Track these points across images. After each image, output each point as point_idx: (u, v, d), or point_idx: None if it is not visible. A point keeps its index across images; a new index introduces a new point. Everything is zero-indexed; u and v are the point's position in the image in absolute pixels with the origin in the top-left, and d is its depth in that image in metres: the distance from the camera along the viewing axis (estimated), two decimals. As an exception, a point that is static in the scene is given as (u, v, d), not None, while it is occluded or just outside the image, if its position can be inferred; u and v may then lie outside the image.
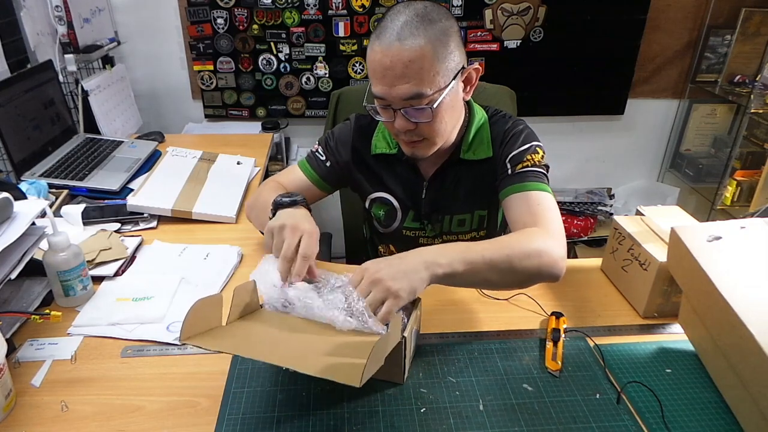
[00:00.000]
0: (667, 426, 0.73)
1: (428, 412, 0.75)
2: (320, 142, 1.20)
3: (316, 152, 1.18)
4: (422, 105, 0.93)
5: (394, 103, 0.95)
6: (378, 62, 0.92)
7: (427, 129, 0.97)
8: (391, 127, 1.00)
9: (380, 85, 0.94)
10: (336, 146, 1.17)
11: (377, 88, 0.95)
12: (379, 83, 0.94)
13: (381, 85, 0.93)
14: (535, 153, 1.03)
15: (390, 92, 0.93)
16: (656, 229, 0.99)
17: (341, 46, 2.22)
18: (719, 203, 2.35)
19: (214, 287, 1.04)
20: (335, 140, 1.18)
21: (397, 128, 0.98)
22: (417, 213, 1.16)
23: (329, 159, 1.17)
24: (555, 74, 2.34)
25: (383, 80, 0.92)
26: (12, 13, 1.65)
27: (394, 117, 0.97)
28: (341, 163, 1.17)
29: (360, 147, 1.16)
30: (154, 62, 2.25)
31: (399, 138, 1.03)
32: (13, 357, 0.85)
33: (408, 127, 0.96)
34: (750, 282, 0.74)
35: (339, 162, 1.17)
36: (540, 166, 1.02)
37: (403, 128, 0.97)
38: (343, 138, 1.17)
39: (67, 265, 0.94)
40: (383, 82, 0.93)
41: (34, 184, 1.32)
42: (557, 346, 0.86)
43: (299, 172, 1.18)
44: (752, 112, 2.18)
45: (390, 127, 1.02)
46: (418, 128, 0.97)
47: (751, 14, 2.26)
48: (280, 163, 2.22)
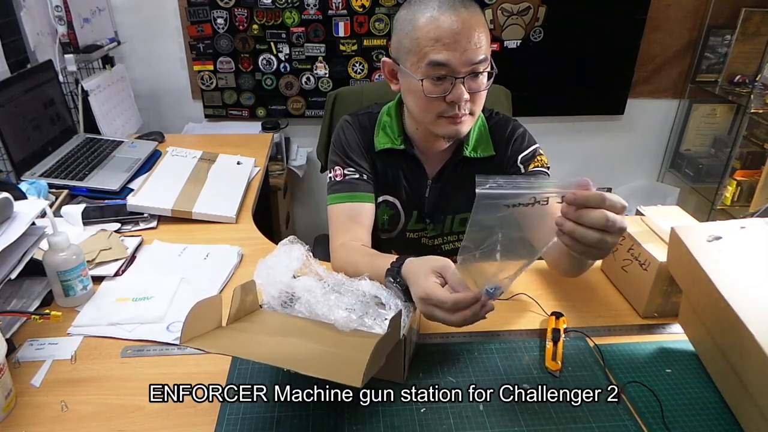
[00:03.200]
0: (667, 426, 0.73)
1: (428, 412, 0.75)
2: (336, 163, 1.11)
3: (346, 176, 1.09)
4: (486, 70, 0.94)
5: (459, 71, 0.92)
6: (446, 28, 0.89)
7: (478, 100, 0.97)
8: (436, 105, 0.96)
9: (447, 51, 0.90)
10: (355, 155, 1.11)
11: (442, 55, 0.91)
12: (445, 49, 0.90)
13: (448, 50, 0.90)
14: (541, 155, 1.08)
15: (460, 58, 0.91)
16: (656, 229, 0.99)
17: (341, 46, 2.22)
18: (719, 203, 2.35)
19: (214, 287, 1.04)
20: (350, 150, 1.11)
21: (455, 99, 0.94)
22: (420, 213, 1.16)
23: (360, 172, 1.10)
24: (555, 74, 2.34)
25: (453, 45, 0.90)
26: (12, 13, 1.65)
27: (449, 89, 0.93)
28: (367, 168, 1.12)
29: (368, 146, 1.13)
30: (154, 62, 2.25)
31: (444, 116, 0.97)
32: (13, 357, 0.85)
33: (466, 97, 0.94)
34: (750, 282, 0.74)
35: (366, 168, 1.11)
36: (545, 167, 1.07)
37: (462, 99, 0.94)
38: (353, 143, 1.12)
39: (67, 265, 0.94)
40: (452, 47, 0.90)
41: (34, 184, 1.32)
42: (557, 346, 0.86)
43: (349, 208, 1.07)
44: (752, 112, 2.19)
45: (434, 106, 0.96)
46: (470, 100, 0.96)
47: (751, 14, 2.26)
48: (280, 163, 2.22)
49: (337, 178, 1.10)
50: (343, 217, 1.07)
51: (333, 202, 1.09)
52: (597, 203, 0.65)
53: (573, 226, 0.66)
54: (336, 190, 1.09)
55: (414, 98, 0.99)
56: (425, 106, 0.98)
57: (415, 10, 0.93)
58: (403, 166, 1.13)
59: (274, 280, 0.83)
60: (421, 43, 0.92)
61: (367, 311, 0.81)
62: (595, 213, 0.64)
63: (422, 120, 1.02)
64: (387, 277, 0.86)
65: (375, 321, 0.80)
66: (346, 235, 1.05)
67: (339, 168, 1.11)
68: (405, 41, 0.95)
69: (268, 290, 0.84)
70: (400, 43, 0.97)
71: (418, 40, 0.92)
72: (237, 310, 0.79)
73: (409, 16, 0.94)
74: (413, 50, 0.94)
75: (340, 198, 1.08)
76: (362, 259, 0.96)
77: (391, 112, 1.12)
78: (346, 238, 1.05)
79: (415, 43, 0.93)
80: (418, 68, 0.94)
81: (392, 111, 1.12)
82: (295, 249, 0.86)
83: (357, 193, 1.09)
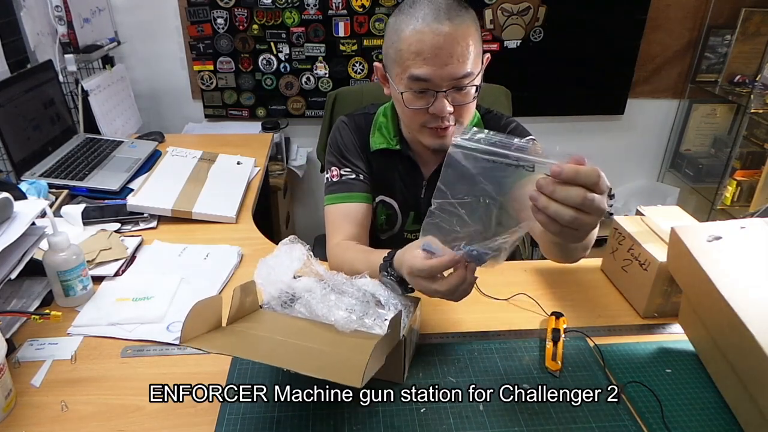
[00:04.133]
0: (667, 426, 0.73)
1: (428, 412, 0.75)
2: (332, 163, 1.11)
3: (342, 176, 1.09)
4: (470, 84, 0.92)
5: (441, 85, 0.90)
6: (427, 42, 0.87)
7: (464, 112, 0.95)
8: (420, 116, 0.95)
9: (427, 66, 0.88)
10: (351, 156, 1.11)
11: (422, 70, 0.89)
12: (425, 64, 0.88)
13: (428, 66, 0.88)
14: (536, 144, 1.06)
15: (440, 72, 0.89)
16: (656, 229, 0.99)
17: (341, 46, 2.22)
18: (719, 203, 2.35)
19: (214, 287, 1.04)
20: (347, 150, 1.11)
21: (437, 112, 0.92)
22: (417, 213, 1.16)
23: (356, 172, 1.10)
24: (555, 74, 2.34)
25: (433, 60, 0.88)
26: (12, 13, 1.65)
27: (431, 102, 0.92)
28: (363, 168, 1.12)
29: (364, 146, 1.13)
30: (154, 62, 2.25)
31: (427, 127, 0.97)
32: (13, 357, 0.85)
33: (450, 110, 0.92)
34: (750, 282, 0.74)
35: (363, 168, 1.11)
36: None
37: (444, 112, 0.92)
38: (350, 144, 1.12)
39: (67, 265, 0.94)
40: (433, 62, 0.88)
41: (34, 184, 1.32)
42: (557, 346, 0.86)
43: (345, 209, 1.07)
44: (752, 112, 2.19)
45: (418, 117, 0.95)
46: (455, 112, 0.94)
47: (751, 14, 2.26)
48: (280, 163, 2.22)
49: (334, 178, 1.10)
50: (339, 217, 1.07)
51: (330, 202, 1.09)
52: (585, 181, 0.58)
53: (547, 201, 0.59)
54: (332, 191, 1.09)
55: (400, 107, 0.99)
56: (410, 116, 0.97)
57: (401, 20, 0.91)
58: (399, 166, 1.13)
59: (274, 280, 0.83)
60: (403, 55, 0.91)
61: (367, 312, 0.81)
62: (572, 189, 0.58)
63: (409, 128, 1.03)
64: (381, 271, 0.86)
65: (375, 321, 0.80)
66: (342, 235, 1.05)
67: (335, 168, 1.11)
68: (390, 51, 0.94)
69: (268, 290, 0.84)
70: (387, 51, 0.96)
71: (401, 52, 0.91)
72: (236, 311, 0.79)
73: (396, 25, 0.92)
74: (397, 61, 0.93)
75: (336, 198, 1.09)
76: (358, 256, 0.96)
77: (387, 113, 1.12)
78: (342, 238, 1.05)
79: (399, 55, 0.92)
80: (401, 80, 0.93)
81: (388, 111, 1.12)
82: (295, 249, 0.86)
83: (353, 194, 1.09)
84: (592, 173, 0.58)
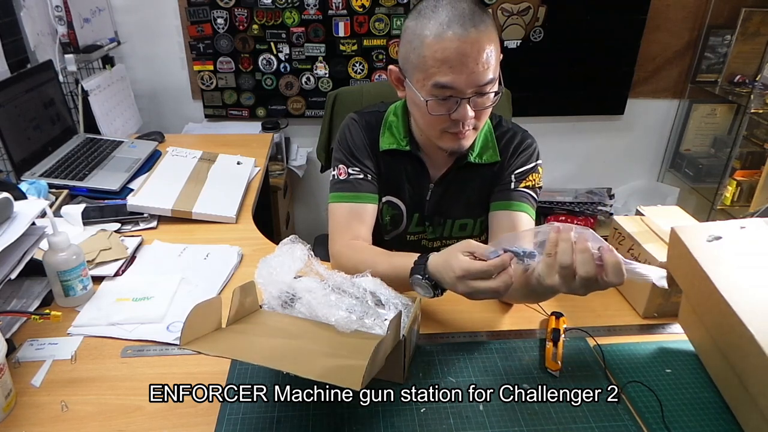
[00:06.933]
0: (667, 426, 0.73)
1: (428, 412, 0.75)
2: (340, 161, 1.10)
3: (350, 175, 1.08)
4: (493, 90, 0.92)
5: (465, 92, 0.90)
6: (454, 50, 0.86)
7: (482, 116, 0.96)
8: (441, 122, 0.94)
9: (453, 74, 0.87)
10: (360, 155, 1.09)
11: (448, 78, 0.88)
12: (451, 72, 0.87)
13: (455, 74, 0.87)
14: (536, 173, 1.08)
15: (466, 80, 0.88)
16: (656, 229, 0.99)
17: (341, 46, 2.22)
18: (719, 203, 2.35)
19: (214, 287, 1.04)
20: (356, 149, 1.09)
21: (459, 118, 0.92)
22: (421, 215, 1.15)
23: (365, 172, 1.09)
24: (555, 74, 2.34)
25: (459, 68, 0.87)
26: (12, 13, 1.65)
27: (454, 108, 0.91)
28: (372, 168, 1.10)
29: (373, 145, 1.11)
30: (154, 62, 2.25)
31: (448, 132, 0.96)
32: (13, 357, 0.85)
33: (472, 116, 0.92)
34: (750, 282, 0.74)
35: (371, 168, 1.10)
36: (536, 189, 1.08)
37: (467, 118, 0.92)
38: (359, 142, 1.10)
39: (67, 265, 0.94)
40: (459, 70, 0.87)
41: (34, 184, 1.32)
42: (557, 346, 0.86)
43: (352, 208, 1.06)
44: (752, 112, 2.19)
45: (439, 122, 0.95)
46: (475, 116, 0.94)
47: (751, 14, 2.26)
48: (280, 163, 2.22)
49: (341, 176, 1.09)
50: (344, 217, 1.06)
51: (335, 200, 1.08)
52: None
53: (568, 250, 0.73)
54: (339, 189, 1.08)
55: (419, 113, 0.98)
56: (429, 122, 0.96)
57: (424, 25, 0.89)
58: (407, 167, 1.12)
59: (275, 279, 0.83)
60: (427, 62, 0.89)
61: (367, 312, 0.81)
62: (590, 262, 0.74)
63: (426, 133, 1.02)
64: (414, 275, 0.85)
65: (375, 322, 0.80)
66: (348, 235, 1.04)
67: (343, 166, 1.09)
68: (412, 56, 0.92)
69: (269, 290, 0.84)
70: (407, 56, 0.93)
71: (424, 59, 0.89)
72: (236, 312, 0.79)
73: (417, 29, 0.90)
74: (419, 67, 0.91)
75: (342, 197, 1.07)
76: (378, 258, 0.95)
77: (398, 113, 1.11)
78: (348, 237, 1.04)
79: (422, 61, 0.90)
80: (424, 86, 0.92)
81: (399, 111, 1.11)
82: (296, 249, 0.86)
83: (360, 194, 1.07)
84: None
